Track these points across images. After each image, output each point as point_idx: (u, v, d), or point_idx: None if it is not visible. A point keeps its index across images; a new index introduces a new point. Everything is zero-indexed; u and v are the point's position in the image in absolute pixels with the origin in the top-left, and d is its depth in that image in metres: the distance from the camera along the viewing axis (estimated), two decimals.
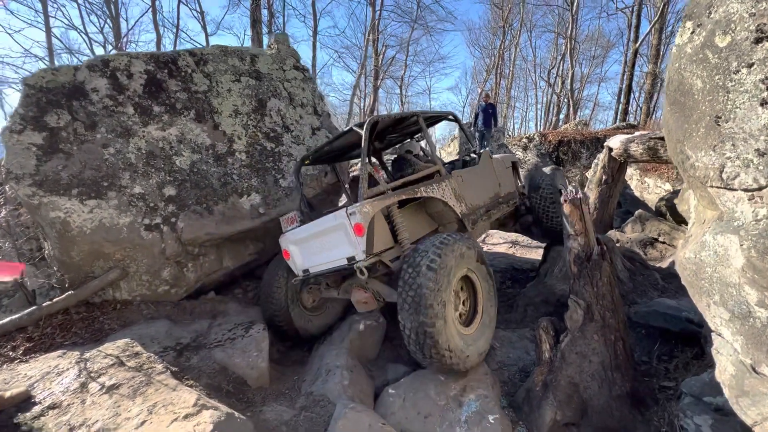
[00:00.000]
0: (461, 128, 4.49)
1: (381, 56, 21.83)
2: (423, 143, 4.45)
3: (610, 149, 7.08)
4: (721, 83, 1.64)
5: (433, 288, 2.46)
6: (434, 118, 4.39)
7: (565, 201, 2.60)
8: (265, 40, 11.28)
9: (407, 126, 4.16)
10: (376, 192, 3.00)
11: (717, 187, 1.72)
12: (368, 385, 2.89)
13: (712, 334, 1.85)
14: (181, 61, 4.01)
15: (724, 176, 1.66)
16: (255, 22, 11.70)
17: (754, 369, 1.59)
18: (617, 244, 6.88)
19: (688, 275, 1.89)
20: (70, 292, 3.29)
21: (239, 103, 4.22)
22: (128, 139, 3.59)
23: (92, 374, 2.49)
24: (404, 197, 3.11)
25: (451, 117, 4.37)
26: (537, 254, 6.77)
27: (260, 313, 4.02)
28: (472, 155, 4.63)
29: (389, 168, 4.72)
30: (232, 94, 4.20)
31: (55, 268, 3.49)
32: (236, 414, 2.19)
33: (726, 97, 1.63)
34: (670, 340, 3.46)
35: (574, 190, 2.63)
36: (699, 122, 1.73)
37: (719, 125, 1.65)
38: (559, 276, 4.49)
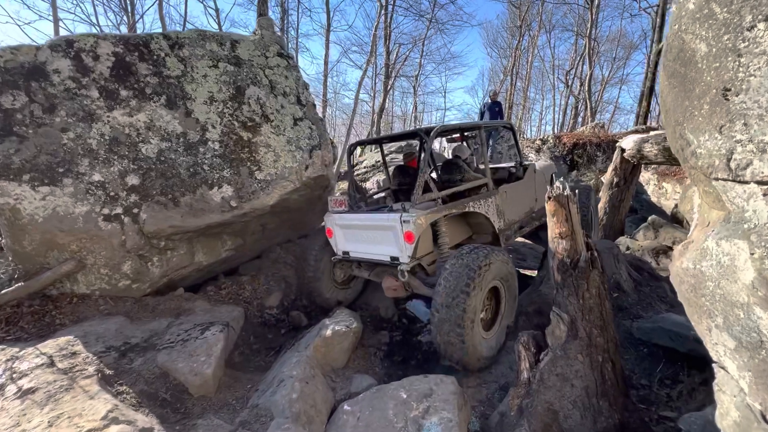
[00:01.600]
0: (514, 138, 4.58)
1: (395, 54, 21.57)
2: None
3: (623, 150, 6.60)
4: (730, 45, 1.28)
5: (471, 303, 2.73)
6: (491, 128, 4.47)
7: (549, 198, 2.25)
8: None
9: (467, 130, 4.33)
10: (428, 199, 3.25)
11: (724, 180, 1.35)
12: (324, 400, 2.59)
13: (714, 365, 1.48)
14: (154, 44, 3.80)
15: (733, 165, 1.30)
16: (261, 17, 11.56)
17: (764, 417, 1.22)
18: (627, 252, 6.41)
19: (686, 290, 1.53)
20: (20, 284, 3.11)
21: (215, 90, 3.99)
22: (91, 123, 3.39)
23: (15, 375, 2.27)
24: (454, 211, 3.38)
25: (508, 126, 4.53)
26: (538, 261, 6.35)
27: (230, 311, 3.82)
28: (517, 168, 4.66)
29: (437, 166, 4.94)
30: (208, 80, 3.97)
31: (9, 258, 3.31)
32: (156, 429, 1.92)
33: (737, 63, 1.27)
34: (675, 361, 3.05)
35: (560, 186, 2.27)
36: (702, 97, 1.37)
37: (727, 99, 1.29)
38: (554, 285, 4.11)
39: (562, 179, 2.37)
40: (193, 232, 3.85)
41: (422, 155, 3.33)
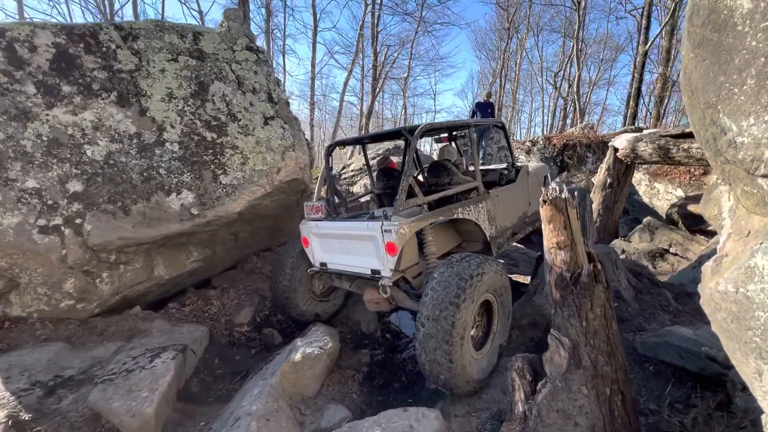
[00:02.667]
0: (506, 138, 4.24)
1: (384, 56, 21.33)
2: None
3: (616, 149, 6.36)
4: None
5: (461, 317, 2.42)
6: (481, 126, 4.12)
7: (545, 202, 1.92)
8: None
9: (452, 130, 4.03)
10: (412, 205, 2.93)
11: None
12: None
13: (764, 417, 1.14)
14: (104, 35, 3.41)
15: None
16: (229, 9, 11.17)
17: None
18: (623, 256, 6.14)
19: (725, 320, 1.19)
20: None
21: (174, 86, 3.61)
22: (25, 123, 2.98)
23: None
24: (441, 219, 3.05)
25: (499, 125, 4.19)
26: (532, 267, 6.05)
27: (192, 331, 3.44)
28: (509, 170, 4.34)
29: (423, 167, 4.60)
30: (166, 75, 3.59)
31: None
32: None
33: None
34: (685, 381, 2.73)
35: (557, 188, 1.94)
36: (745, 69, 1.05)
37: None
38: (552, 303, 3.79)
39: (558, 180, 2.06)
40: (150, 244, 3.45)
41: (407, 157, 2.98)
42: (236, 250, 4.81)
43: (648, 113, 24.69)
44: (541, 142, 15.85)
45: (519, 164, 4.20)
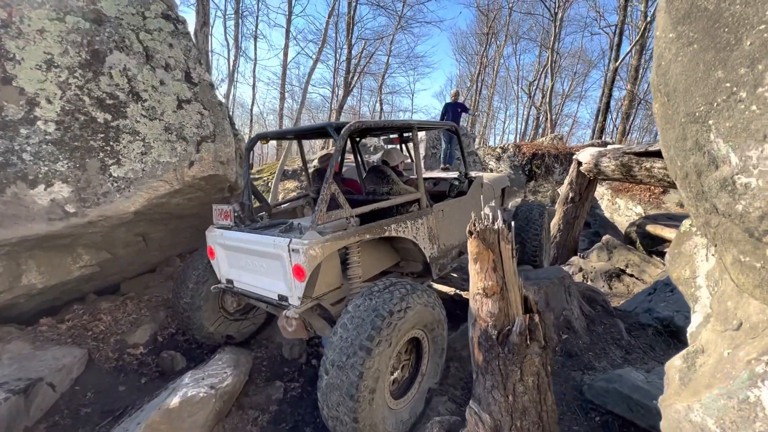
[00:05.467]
0: (460, 146, 3.71)
1: (360, 50, 20.66)
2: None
3: (579, 163, 6.12)
4: None
5: (371, 366, 1.95)
6: (430, 129, 3.60)
7: (471, 233, 1.45)
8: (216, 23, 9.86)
9: (396, 129, 3.46)
10: (337, 217, 2.47)
11: None
12: None
13: None
14: None
15: None
16: None
17: None
18: (579, 274, 5.91)
19: None
20: None
21: (57, 52, 2.90)
22: None
23: None
24: (368, 237, 2.56)
25: (452, 130, 3.66)
26: None
27: (62, 356, 2.79)
28: (461, 180, 3.85)
29: (365, 166, 4.08)
30: (45, 38, 2.88)
31: None
32: None
33: None
34: None
35: (490, 214, 1.48)
36: (761, 60, 0.59)
37: None
38: (473, 367, 3.40)
39: (493, 204, 1.62)
40: (9, 246, 2.75)
41: (332, 160, 2.46)
42: (152, 252, 4.14)
43: (615, 128, 25.48)
44: (511, 150, 15.85)
45: (473, 174, 3.77)
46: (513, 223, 1.45)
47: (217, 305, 3.28)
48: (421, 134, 14.17)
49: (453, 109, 9.37)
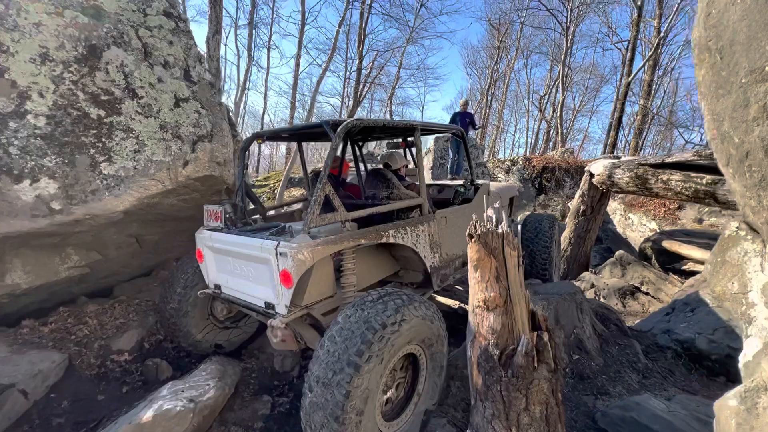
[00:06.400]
0: (466, 151, 3.54)
1: (371, 62, 20.83)
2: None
3: (592, 175, 5.90)
4: None
5: (360, 384, 1.76)
6: (434, 132, 3.44)
7: (471, 237, 1.27)
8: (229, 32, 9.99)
9: (399, 130, 3.31)
10: (331, 221, 2.30)
11: None
12: None
13: None
14: None
15: None
16: (215, 1, 10.45)
17: None
18: (591, 290, 5.63)
19: None
20: None
21: (53, 46, 2.84)
22: None
23: None
24: (363, 242, 2.37)
25: (458, 134, 3.48)
26: None
27: (39, 361, 2.66)
28: (467, 187, 3.69)
29: (366, 168, 3.92)
30: (41, 31, 2.82)
31: None
32: None
33: None
34: None
35: (493, 217, 1.30)
36: None
37: None
38: (471, 391, 3.18)
39: (497, 206, 1.45)
40: None
41: (328, 159, 2.31)
42: (147, 254, 4.03)
43: (627, 144, 25.13)
44: (520, 163, 15.66)
45: (481, 182, 3.59)
46: (519, 226, 1.28)
47: (207, 312, 3.12)
48: (430, 143, 14.07)
49: (462, 119, 9.25)
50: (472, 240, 1.29)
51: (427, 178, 12.43)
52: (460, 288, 4.95)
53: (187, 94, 3.35)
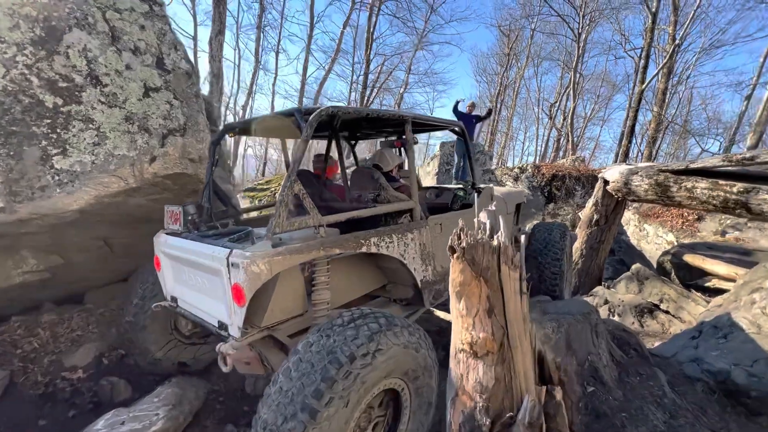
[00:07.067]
0: (467, 150, 3.16)
1: (380, 66, 20.62)
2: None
3: (606, 182, 5.47)
4: None
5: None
6: (429, 127, 3.02)
7: (453, 250, 0.89)
8: (230, 35, 9.84)
9: (390, 125, 2.99)
10: (303, 225, 1.92)
11: None
12: None
13: None
14: None
15: None
16: (218, 1, 10.31)
17: None
18: (605, 307, 5.17)
19: None
20: None
21: (6, 25, 2.56)
22: None
23: None
24: (338, 252, 2.00)
25: (457, 129, 3.07)
26: None
27: None
28: (467, 190, 3.36)
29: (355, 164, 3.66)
30: None
31: None
32: None
33: None
34: None
35: (485, 222, 0.92)
36: None
37: None
38: None
39: (491, 208, 1.09)
40: None
41: (298, 153, 1.96)
42: (120, 259, 3.70)
43: (640, 153, 24.47)
44: (529, 170, 15.22)
45: (483, 186, 3.21)
46: (523, 238, 0.93)
47: (169, 326, 2.77)
48: (435, 149, 13.68)
49: (468, 120, 8.88)
50: (455, 256, 0.92)
51: (428, 183, 12.02)
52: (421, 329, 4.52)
53: (158, 83, 3.04)
